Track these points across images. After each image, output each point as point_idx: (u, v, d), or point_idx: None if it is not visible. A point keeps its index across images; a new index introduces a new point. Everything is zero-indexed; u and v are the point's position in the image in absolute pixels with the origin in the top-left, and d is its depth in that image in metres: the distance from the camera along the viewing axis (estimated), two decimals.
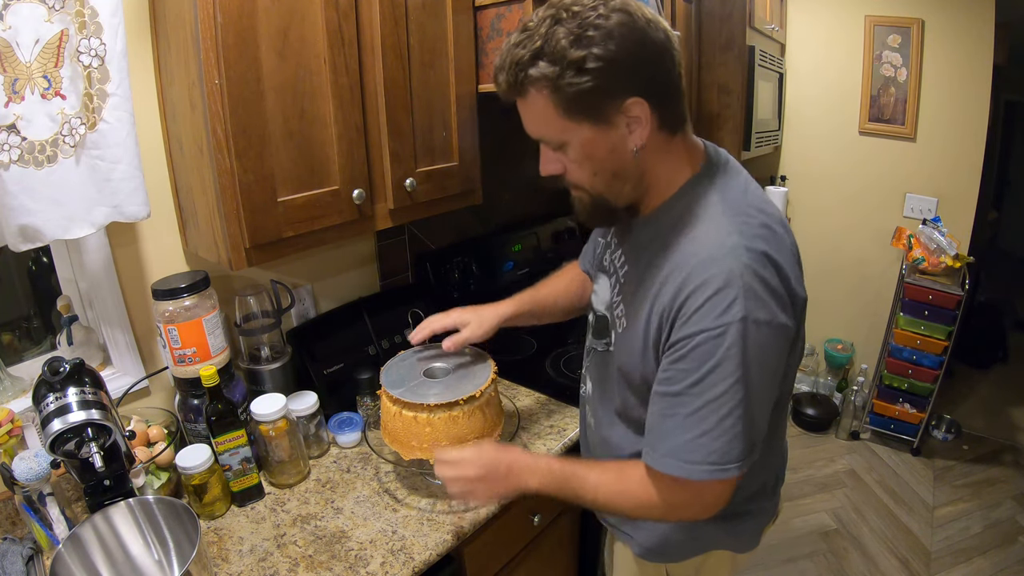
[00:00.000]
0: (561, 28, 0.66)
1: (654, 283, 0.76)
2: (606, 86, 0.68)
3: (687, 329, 0.71)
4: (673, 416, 0.74)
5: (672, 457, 0.75)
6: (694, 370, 0.71)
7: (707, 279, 0.69)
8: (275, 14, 0.92)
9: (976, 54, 2.58)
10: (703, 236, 0.73)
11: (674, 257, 0.74)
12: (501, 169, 1.95)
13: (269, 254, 1.01)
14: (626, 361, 0.84)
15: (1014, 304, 4.12)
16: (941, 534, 2.26)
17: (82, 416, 0.84)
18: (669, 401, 0.74)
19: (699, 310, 0.69)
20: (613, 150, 0.73)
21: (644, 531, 0.97)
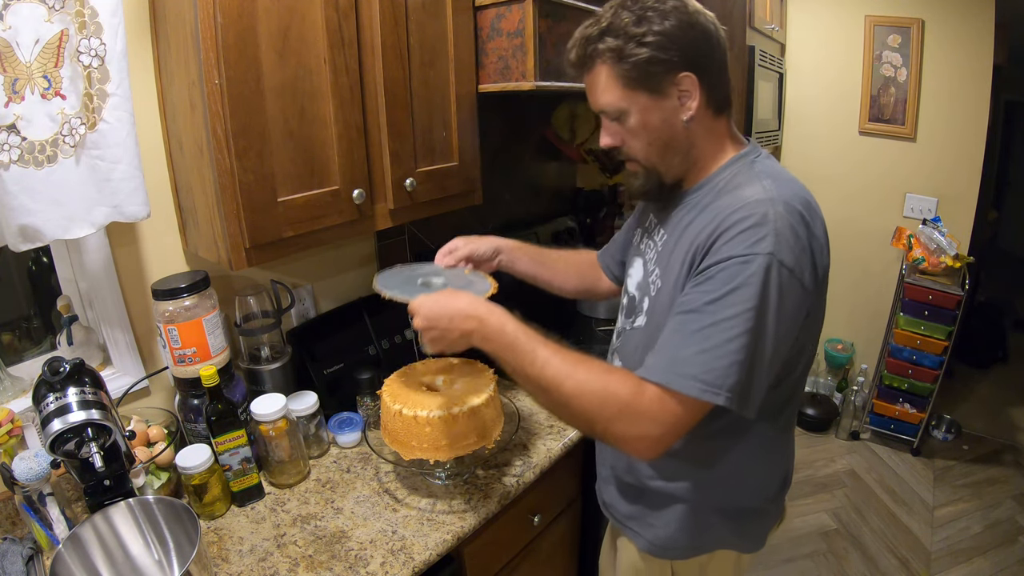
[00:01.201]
0: (625, 11, 0.78)
1: (686, 239, 0.82)
2: (661, 58, 0.77)
3: (716, 256, 0.75)
4: (680, 331, 0.75)
5: (664, 370, 0.74)
6: (714, 290, 0.73)
7: (744, 216, 0.74)
8: (275, 14, 0.92)
9: (976, 54, 2.58)
10: (744, 192, 0.79)
11: (713, 210, 0.80)
12: (501, 169, 1.95)
13: (269, 254, 1.01)
14: (661, 312, 0.85)
15: (1014, 304, 4.12)
16: (941, 534, 2.26)
17: (82, 416, 0.84)
18: (680, 319, 0.76)
19: (732, 240, 0.74)
20: (666, 120, 0.82)
21: (653, 528, 0.97)
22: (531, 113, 2.02)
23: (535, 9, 1.18)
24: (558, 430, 1.31)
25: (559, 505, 1.38)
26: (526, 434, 1.30)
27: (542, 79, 1.23)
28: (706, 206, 0.82)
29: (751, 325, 0.71)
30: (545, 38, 1.22)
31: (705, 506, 0.94)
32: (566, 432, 1.30)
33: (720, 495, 0.93)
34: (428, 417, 1.02)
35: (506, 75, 1.26)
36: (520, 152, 2.03)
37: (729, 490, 0.93)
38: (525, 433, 1.30)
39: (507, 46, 1.24)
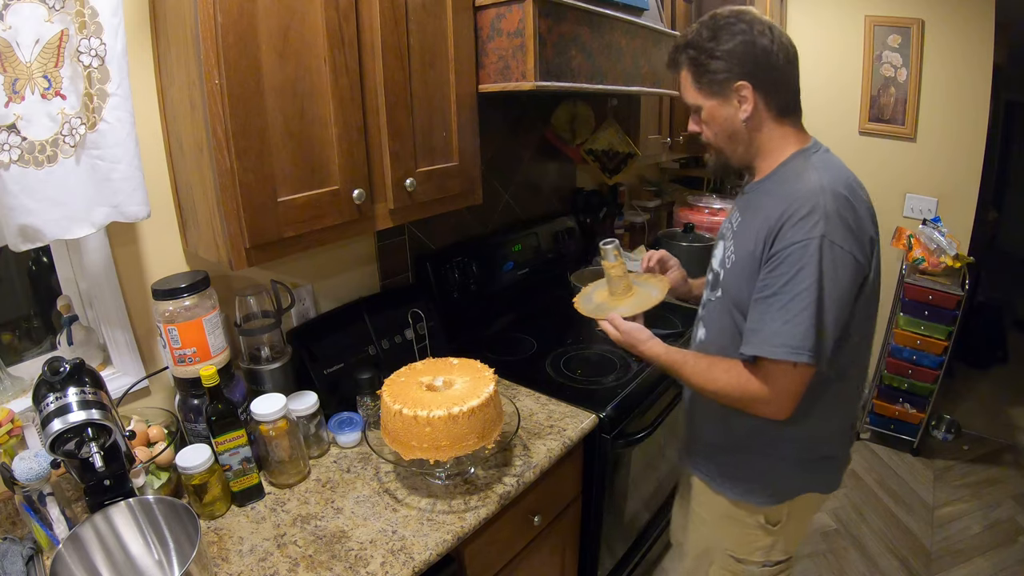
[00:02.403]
0: (705, 29, 1.01)
1: (759, 219, 1.00)
2: (723, 70, 0.99)
3: (781, 243, 0.94)
4: (767, 312, 0.95)
5: (759, 343, 0.95)
6: (785, 273, 0.93)
7: (800, 207, 0.93)
8: (275, 14, 0.92)
9: (976, 54, 2.58)
10: (802, 183, 0.97)
11: (777, 197, 0.99)
12: (501, 169, 1.96)
13: (269, 254, 1.01)
14: (734, 284, 1.06)
15: (1014, 304, 4.12)
16: (941, 534, 2.26)
17: (82, 416, 0.84)
18: (764, 303, 0.96)
19: (793, 227, 0.93)
20: (728, 118, 1.03)
21: (744, 481, 1.15)
22: (531, 113, 2.02)
23: (535, 9, 1.18)
24: (558, 430, 1.31)
25: (559, 505, 1.38)
26: (526, 434, 1.30)
27: (542, 79, 1.23)
28: (774, 194, 1.00)
29: (815, 296, 0.90)
30: (545, 38, 1.22)
31: (791, 458, 1.11)
32: (566, 432, 1.30)
33: (804, 447, 1.10)
34: (428, 417, 1.02)
35: (506, 75, 1.26)
36: (520, 152, 2.03)
37: (811, 442, 1.10)
38: (525, 433, 1.30)
39: (507, 46, 1.24)
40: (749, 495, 1.14)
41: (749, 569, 1.21)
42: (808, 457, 1.11)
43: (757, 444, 1.12)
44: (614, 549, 1.69)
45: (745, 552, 1.20)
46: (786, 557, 1.20)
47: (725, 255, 1.10)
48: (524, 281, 1.97)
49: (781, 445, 1.10)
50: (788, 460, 1.11)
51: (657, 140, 2.23)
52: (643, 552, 1.85)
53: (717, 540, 1.24)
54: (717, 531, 1.23)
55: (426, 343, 1.54)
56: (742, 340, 1.00)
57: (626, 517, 1.69)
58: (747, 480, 1.14)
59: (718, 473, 1.19)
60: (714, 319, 1.14)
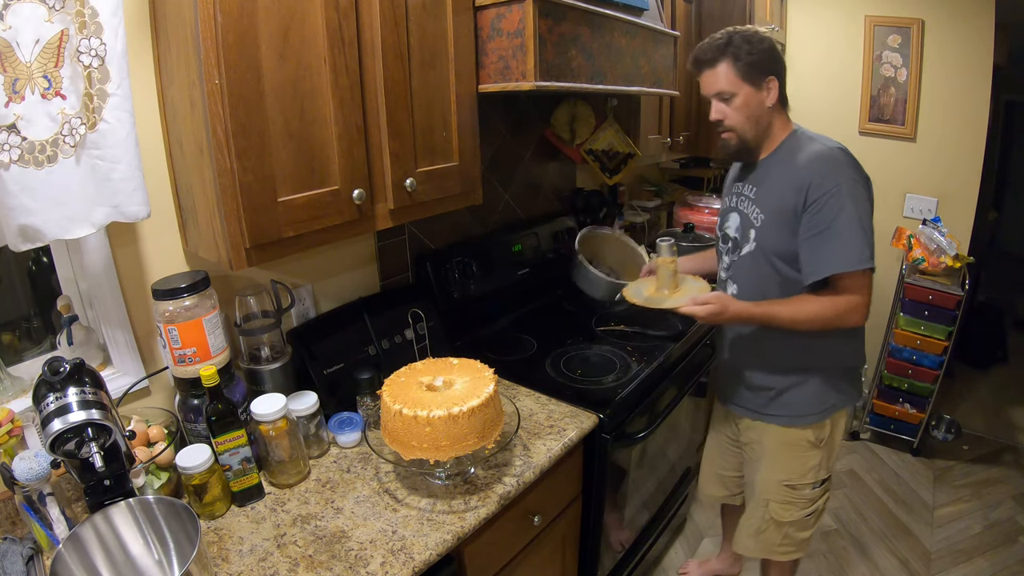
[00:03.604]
0: (738, 36, 1.28)
1: (782, 183, 1.29)
2: (761, 65, 1.27)
3: (818, 193, 1.22)
4: (825, 243, 1.22)
5: (833, 264, 1.22)
6: (830, 213, 1.21)
7: (822, 164, 1.24)
8: (275, 14, 0.92)
9: (976, 54, 2.58)
10: (815, 147, 1.28)
11: (797, 161, 1.28)
12: (501, 169, 1.96)
13: (269, 254, 1.01)
14: (770, 237, 1.31)
15: (1014, 304, 4.12)
16: (941, 534, 2.26)
17: (82, 416, 0.84)
18: (818, 238, 1.23)
19: (823, 179, 1.22)
20: (759, 104, 1.30)
21: (794, 404, 1.40)
22: (531, 113, 2.02)
23: (535, 9, 1.18)
24: (558, 430, 1.31)
25: (559, 505, 1.38)
26: (526, 434, 1.30)
27: (542, 79, 1.23)
28: (787, 160, 1.30)
29: (858, 218, 1.20)
30: (545, 38, 1.22)
31: (833, 370, 1.39)
32: (566, 432, 1.30)
33: (841, 358, 1.40)
34: (428, 417, 1.02)
35: (506, 75, 1.26)
36: (520, 152, 2.03)
37: (846, 353, 1.40)
38: (525, 433, 1.30)
39: (507, 46, 1.24)
40: (798, 418, 1.40)
41: (803, 493, 1.47)
42: (842, 368, 1.40)
43: (798, 370, 1.38)
44: (614, 549, 1.69)
45: (798, 476, 1.45)
46: (828, 475, 1.48)
47: (749, 218, 1.36)
48: (524, 281, 1.97)
49: (820, 363, 1.37)
50: (826, 376, 1.38)
51: (657, 140, 2.23)
52: (643, 552, 1.85)
53: (772, 474, 1.48)
54: (773, 464, 1.48)
55: (426, 343, 1.55)
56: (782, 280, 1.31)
57: (626, 517, 1.69)
58: (795, 404, 1.40)
59: (767, 405, 1.44)
60: (744, 273, 1.40)
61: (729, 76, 1.28)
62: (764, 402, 1.45)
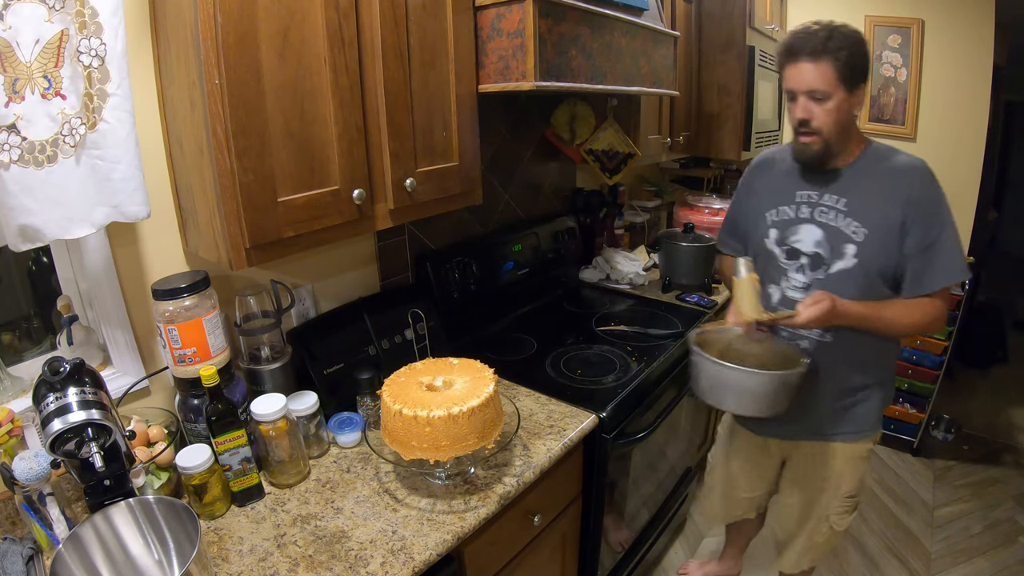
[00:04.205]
0: (840, 32, 1.19)
1: (881, 190, 1.24)
2: (860, 70, 1.20)
3: (924, 205, 1.21)
4: (937, 255, 1.22)
5: (946, 276, 1.23)
6: (935, 223, 1.21)
7: (921, 175, 1.23)
8: (275, 14, 0.92)
9: (976, 54, 2.58)
10: (904, 159, 1.26)
11: (892, 171, 1.25)
12: (501, 169, 1.96)
13: (269, 254, 1.01)
14: (877, 253, 1.25)
15: (1014, 304, 4.12)
16: (941, 534, 2.26)
17: (82, 416, 0.84)
18: (930, 250, 1.22)
19: (927, 190, 1.22)
20: (849, 109, 1.23)
21: (860, 419, 1.39)
22: (531, 113, 2.02)
23: (535, 9, 1.18)
24: (558, 430, 1.31)
25: (559, 505, 1.38)
26: (526, 434, 1.30)
27: (542, 79, 1.23)
28: (880, 172, 1.26)
29: (955, 228, 1.23)
30: (545, 38, 1.22)
31: (890, 378, 1.43)
32: (566, 432, 1.30)
33: (894, 365, 1.44)
34: (428, 417, 1.02)
35: (506, 75, 1.26)
36: (520, 152, 2.03)
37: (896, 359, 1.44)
38: (525, 433, 1.30)
39: (507, 46, 1.24)
40: (863, 432, 1.40)
41: (856, 500, 1.49)
42: (893, 375, 1.44)
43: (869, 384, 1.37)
44: (614, 549, 1.69)
45: (856, 485, 1.46)
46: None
47: (844, 232, 1.27)
48: (524, 281, 1.97)
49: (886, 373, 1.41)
50: (884, 385, 1.40)
51: (657, 140, 2.23)
52: (643, 552, 1.85)
53: (837, 490, 1.46)
54: (839, 480, 1.45)
55: (426, 343, 1.55)
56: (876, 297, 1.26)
57: (626, 517, 1.69)
58: (861, 417, 1.39)
59: (835, 424, 1.40)
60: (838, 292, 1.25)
61: (828, 75, 1.18)
62: (832, 422, 1.41)
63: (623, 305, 2.09)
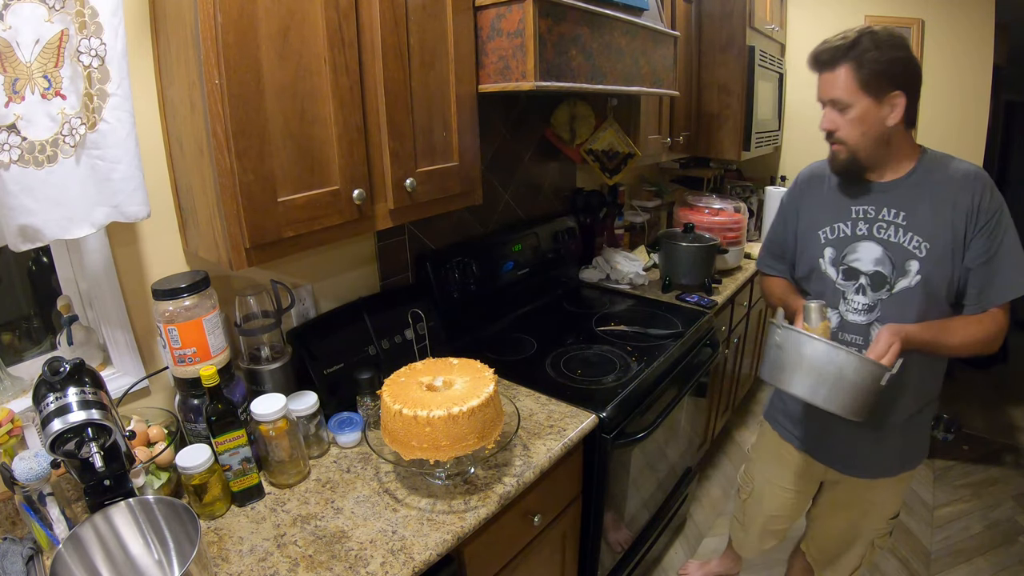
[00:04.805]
0: (867, 37, 1.11)
1: (943, 202, 1.16)
2: (888, 76, 1.11)
3: (987, 215, 1.14)
4: (1000, 267, 1.15)
5: (1013, 288, 1.15)
6: (999, 235, 1.14)
7: (982, 184, 1.15)
8: (275, 14, 0.92)
9: (976, 54, 2.58)
10: (963, 166, 1.18)
11: (951, 181, 1.17)
12: (501, 169, 1.96)
13: (269, 254, 1.01)
14: (939, 268, 1.17)
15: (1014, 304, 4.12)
16: (941, 534, 2.26)
17: (82, 416, 0.84)
18: (994, 262, 1.15)
19: (988, 201, 1.14)
20: (877, 120, 1.15)
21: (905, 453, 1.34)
22: (531, 113, 2.02)
23: (535, 9, 1.18)
24: (558, 430, 1.31)
25: (559, 505, 1.38)
26: (526, 434, 1.30)
27: (542, 79, 1.23)
28: (938, 182, 1.17)
29: (1017, 239, 1.15)
30: (545, 38, 1.22)
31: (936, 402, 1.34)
32: (566, 432, 1.30)
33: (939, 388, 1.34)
34: (428, 417, 1.02)
35: (506, 75, 1.26)
36: (520, 152, 2.03)
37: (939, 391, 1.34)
38: (525, 433, 1.30)
39: (507, 46, 1.24)
40: (911, 462, 1.36)
41: (897, 520, 1.46)
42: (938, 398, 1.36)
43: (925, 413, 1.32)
44: (614, 549, 1.69)
45: (899, 506, 1.45)
46: None
47: (906, 248, 1.20)
48: (524, 281, 1.98)
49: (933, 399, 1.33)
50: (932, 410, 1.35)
51: (657, 140, 2.23)
52: (643, 552, 1.85)
53: (883, 514, 1.43)
54: (885, 507, 1.43)
55: (426, 343, 1.55)
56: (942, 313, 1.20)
57: (626, 517, 1.69)
58: (912, 451, 1.35)
59: (894, 458, 1.35)
60: (903, 312, 1.21)
61: (848, 83, 1.13)
62: (889, 457, 1.34)
63: (623, 305, 2.09)
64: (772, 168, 3.33)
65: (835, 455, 1.40)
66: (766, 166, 3.34)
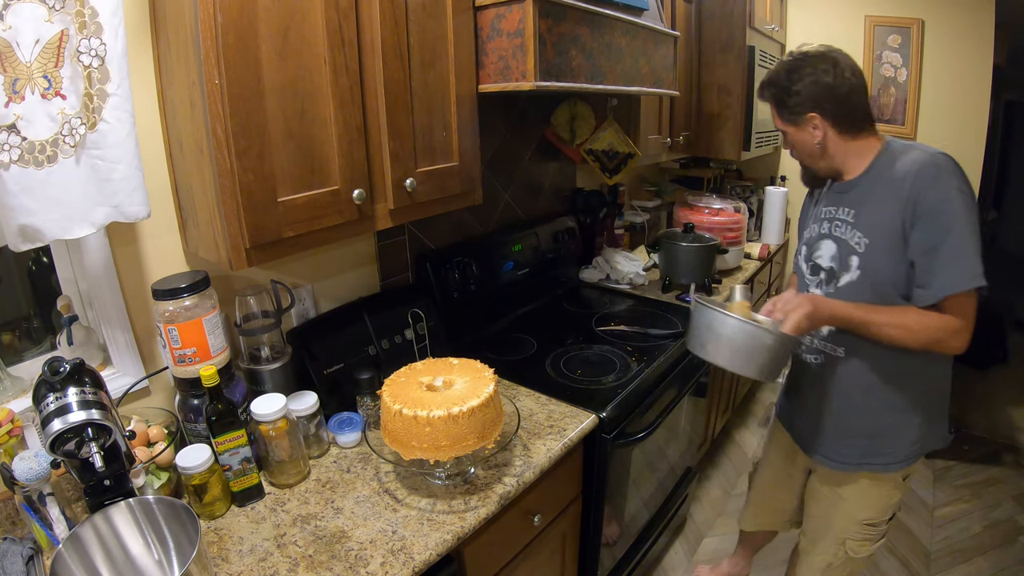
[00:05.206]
0: (782, 70, 1.23)
1: (886, 196, 1.16)
2: (795, 105, 1.22)
3: (926, 206, 1.10)
4: (938, 259, 1.10)
5: (949, 284, 1.10)
6: (941, 226, 1.09)
7: (926, 173, 1.11)
8: (275, 14, 0.92)
9: (976, 54, 2.58)
10: (914, 155, 1.16)
11: (896, 173, 1.16)
12: (501, 169, 1.96)
13: (269, 254, 1.01)
14: (877, 261, 1.19)
15: (1014, 304, 4.12)
16: (941, 534, 2.26)
17: (82, 416, 0.84)
18: (932, 253, 1.11)
19: (928, 191, 1.10)
20: (804, 142, 1.26)
21: (888, 453, 1.30)
22: (531, 113, 2.02)
23: (535, 9, 1.18)
24: (558, 430, 1.31)
25: (559, 505, 1.38)
26: (526, 434, 1.30)
27: (542, 79, 1.23)
28: (887, 176, 1.18)
29: (968, 230, 1.09)
30: (545, 38, 1.22)
31: (935, 411, 1.31)
32: (566, 432, 1.30)
33: (942, 396, 1.32)
34: (428, 417, 1.02)
35: (506, 75, 1.26)
36: (520, 152, 2.03)
37: (945, 390, 1.32)
38: (525, 433, 1.30)
39: (507, 46, 1.24)
40: (893, 464, 1.31)
41: (879, 530, 1.40)
42: (941, 407, 1.33)
43: (902, 412, 1.28)
44: (614, 549, 1.69)
45: (880, 514, 1.38)
46: (899, 508, 1.42)
47: (848, 244, 1.24)
48: (524, 281, 1.98)
49: (924, 403, 1.28)
50: (927, 418, 1.29)
51: (657, 140, 2.23)
52: (643, 552, 1.85)
53: (855, 515, 1.39)
54: (858, 506, 1.39)
55: (426, 343, 1.55)
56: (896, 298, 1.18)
57: (626, 517, 1.69)
58: (893, 451, 1.30)
59: (862, 455, 1.33)
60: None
61: (774, 116, 1.29)
62: (861, 452, 1.33)
63: (623, 305, 2.09)
64: (772, 168, 3.33)
65: (803, 433, 1.46)
66: (766, 166, 3.34)
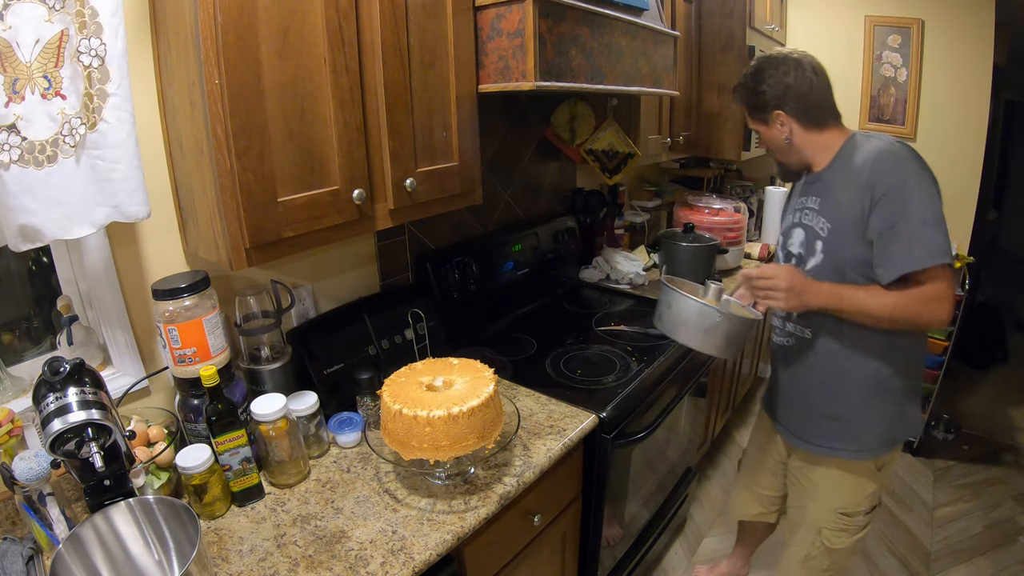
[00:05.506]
0: (750, 74, 1.32)
1: (846, 190, 1.22)
2: (761, 105, 1.32)
3: (882, 189, 1.15)
4: (896, 240, 1.14)
5: (907, 261, 1.14)
6: (896, 207, 1.14)
7: (883, 160, 1.17)
8: (275, 14, 0.92)
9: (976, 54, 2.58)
10: (872, 144, 1.22)
11: (855, 162, 1.22)
12: (501, 169, 1.96)
13: (269, 254, 1.01)
14: (838, 246, 1.24)
15: (1014, 304, 4.12)
16: (941, 534, 2.26)
17: (82, 416, 0.84)
18: (888, 235, 1.15)
19: (885, 175, 1.16)
20: (774, 138, 1.34)
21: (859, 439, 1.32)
22: (531, 113, 2.02)
23: (535, 9, 1.18)
24: (558, 430, 1.31)
25: (559, 505, 1.38)
26: (526, 434, 1.30)
27: (542, 79, 1.23)
28: (845, 168, 1.24)
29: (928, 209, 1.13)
30: (545, 38, 1.22)
31: (907, 396, 1.31)
32: (566, 432, 1.30)
33: (914, 381, 1.33)
34: (428, 417, 1.02)
35: (506, 75, 1.26)
36: (520, 152, 2.03)
37: (916, 376, 1.34)
38: (525, 433, 1.30)
39: (507, 46, 1.24)
40: (865, 452, 1.33)
41: (855, 520, 1.41)
42: (912, 393, 1.33)
43: (872, 396, 1.29)
44: (614, 549, 1.69)
45: (855, 504, 1.39)
46: (879, 501, 1.43)
47: (814, 229, 1.31)
48: (524, 281, 1.98)
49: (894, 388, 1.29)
50: (898, 404, 1.30)
51: (657, 140, 2.23)
52: (643, 552, 1.85)
53: (828, 503, 1.42)
54: (831, 494, 1.41)
55: (426, 343, 1.55)
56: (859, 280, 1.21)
57: (626, 517, 1.69)
58: (865, 437, 1.32)
59: (833, 439, 1.36)
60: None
61: (747, 117, 1.37)
62: (829, 436, 1.36)
63: (623, 305, 2.09)
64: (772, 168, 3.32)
65: (777, 413, 1.52)
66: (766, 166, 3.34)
